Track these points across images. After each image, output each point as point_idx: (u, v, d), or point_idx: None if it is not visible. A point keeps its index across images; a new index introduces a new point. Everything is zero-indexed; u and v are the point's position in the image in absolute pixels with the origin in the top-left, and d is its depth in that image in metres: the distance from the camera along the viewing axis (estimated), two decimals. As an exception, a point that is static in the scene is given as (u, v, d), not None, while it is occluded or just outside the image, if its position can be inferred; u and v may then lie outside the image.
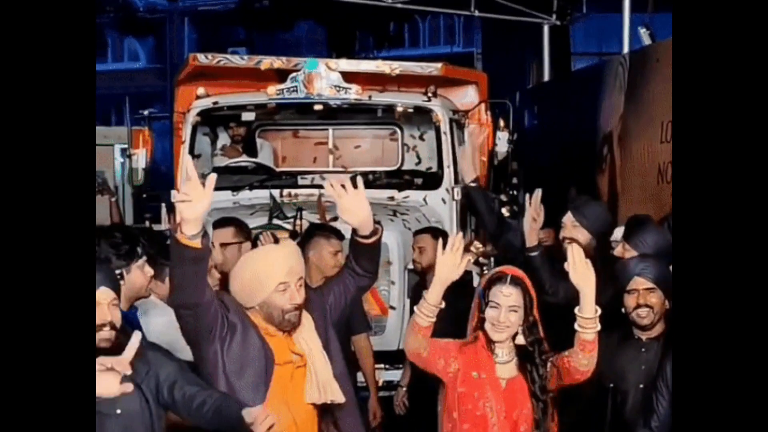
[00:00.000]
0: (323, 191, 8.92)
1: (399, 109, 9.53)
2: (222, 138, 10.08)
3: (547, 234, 6.87)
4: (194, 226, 4.12)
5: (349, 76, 9.19)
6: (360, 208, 4.64)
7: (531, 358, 4.73)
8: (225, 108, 9.49)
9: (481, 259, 8.67)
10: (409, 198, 9.10)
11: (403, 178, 9.52)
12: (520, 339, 4.74)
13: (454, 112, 9.66)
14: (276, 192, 8.88)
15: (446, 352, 4.76)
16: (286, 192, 9.05)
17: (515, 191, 10.44)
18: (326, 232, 6.88)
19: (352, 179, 4.66)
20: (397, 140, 10.15)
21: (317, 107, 9.34)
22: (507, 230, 6.67)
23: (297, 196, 8.98)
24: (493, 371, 4.73)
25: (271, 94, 9.22)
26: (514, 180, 10.37)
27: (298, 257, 4.65)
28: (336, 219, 8.22)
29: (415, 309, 4.74)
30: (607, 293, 4.96)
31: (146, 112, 10.29)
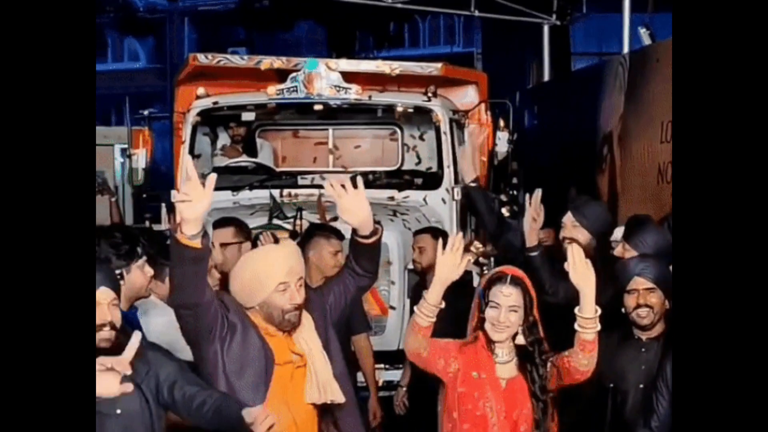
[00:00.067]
0: (323, 191, 8.94)
1: (399, 109, 9.53)
2: (222, 138, 10.08)
3: (547, 234, 6.86)
4: (194, 226, 4.12)
5: (349, 76, 9.18)
6: (360, 208, 4.64)
7: (531, 358, 4.73)
8: (225, 108, 9.49)
9: (481, 259, 8.66)
10: (409, 198, 9.10)
11: (403, 178, 9.51)
12: (520, 339, 4.74)
13: (454, 112, 9.65)
14: (276, 192, 8.88)
15: (446, 352, 4.76)
16: (286, 192, 9.05)
17: (515, 191, 10.43)
18: (326, 233, 6.86)
19: (352, 179, 4.65)
20: (397, 140, 10.14)
21: (317, 107, 9.34)
22: (507, 230, 6.67)
23: (297, 196, 8.98)
24: (493, 371, 4.73)
25: (271, 94, 9.22)
26: (514, 180, 10.37)
27: (298, 257, 4.65)
28: (336, 219, 8.22)
29: (415, 309, 4.73)
30: (607, 293, 4.96)
31: (146, 112, 10.29)
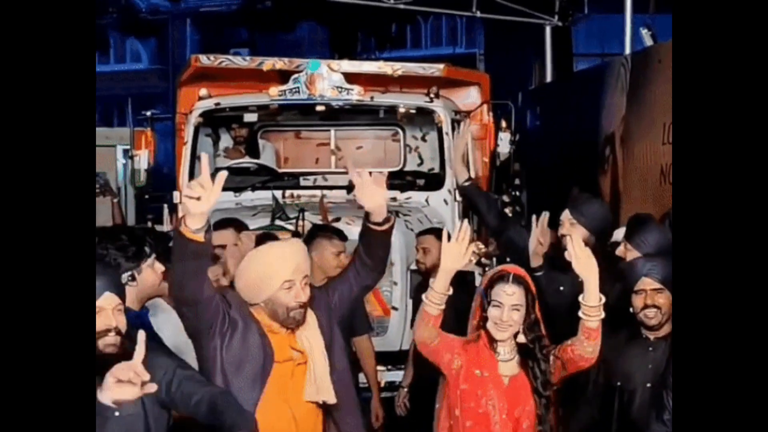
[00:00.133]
0: (325, 192, 9.01)
1: (401, 110, 9.54)
2: (224, 139, 10.09)
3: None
4: (199, 221, 4.13)
5: (351, 77, 9.19)
6: (377, 193, 4.63)
7: (532, 355, 4.73)
8: (227, 109, 9.50)
9: (483, 260, 8.67)
10: (411, 199, 9.10)
11: (405, 179, 9.52)
12: (521, 337, 4.75)
13: (457, 113, 9.66)
14: (278, 193, 8.89)
15: (452, 348, 4.77)
16: (289, 193, 9.06)
17: (517, 192, 10.44)
18: (328, 233, 6.87)
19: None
20: (399, 141, 10.15)
21: (319, 108, 9.35)
22: (508, 226, 6.66)
23: (299, 197, 8.99)
24: (496, 369, 4.74)
25: (273, 96, 9.24)
26: (517, 181, 10.37)
27: (305, 255, 4.65)
28: (338, 220, 8.25)
29: (423, 298, 4.73)
30: (607, 291, 4.95)
31: (148, 113, 10.29)
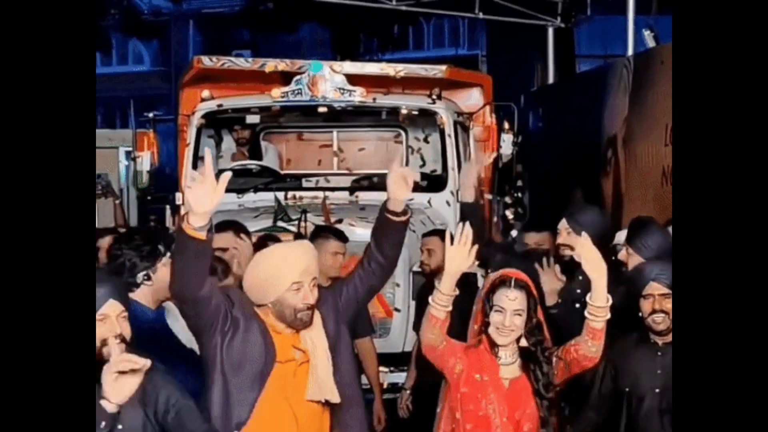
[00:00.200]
0: (328, 193, 9.01)
1: (403, 112, 9.54)
2: (226, 141, 10.09)
3: (543, 238, 6.86)
4: (202, 219, 4.12)
5: (354, 79, 9.20)
6: (405, 183, 4.69)
7: (534, 358, 4.72)
8: (229, 111, 9.51)
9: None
10: (414, 200, 9.07)
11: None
12: (523, 342, 4.74)
13: (459, 115, 9.66)
14: (281, 194, 8.90)
15: (456, 352, 4.77)
16: (291, 194, 9.06)
17: (520, 193, 10.44)
18: (327, 233, 6.93)
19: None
20: (402, 143, 10.14)
21: (322, 110, 9.37)
22: (495, 253, 6.61)
23: (302, 199, 9.00)
24: (497, 373, 4.73)
25: (276, 97, 9.25)
26: (519, 182, 10.37)
27: (313, 257, 4.63)
28: (341, 221, 8.25)
29: (430, 300, 4.72)
30: (609, 293, 4.93)
31: (151, 115, 10.31)
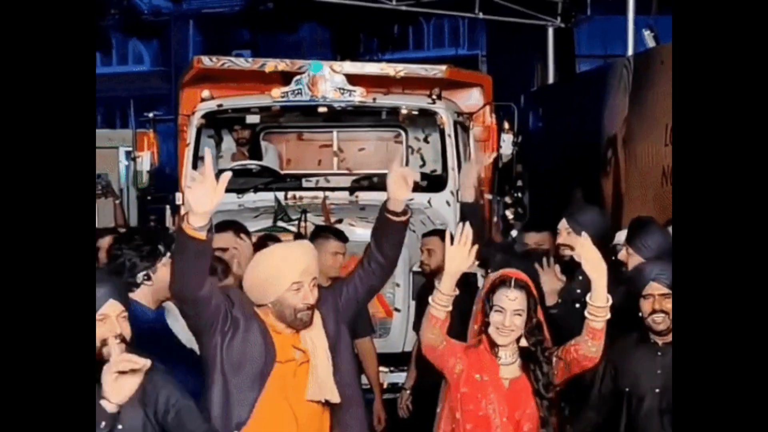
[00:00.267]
0: (328, 193, 9.01)
1: (403, 112, 9.55)
2: (226, 141, 10.10)
3: (543, 238, 6.86)
4: (201, 219, 4.13)
5: (354, 79, 9.20)
6: (405, 183, 4.69)
7: (534, 358, 4.72)
8: (229, 111, 9.52)
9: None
10: (414, 200, 9.07)
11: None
12: (523, 341, 4.74)
13: (459, 115, 9.67)
14: (281, 194, 8.90)
15: (456, 352, 4.76)
16: (291, 194, 9.07)
17: (520, 194, 10.44)
18: (327, 233, 6.96)
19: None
20: (402, 143, 10.15)
21: (322, 110, 9.37)
22: (494, 253, 6.61)
23: (302, 199, 9.00)
24: (496, 373, 4.73)
25: (276, 97, 9.26)
26: (519, 182, 10.37)
27: (313, 257, 4.63)
28: (340, 221, 8.25)
29: (430, 300, 4.72)
30: (609, 292, 4.93)
31: (151, 115, 10.32)
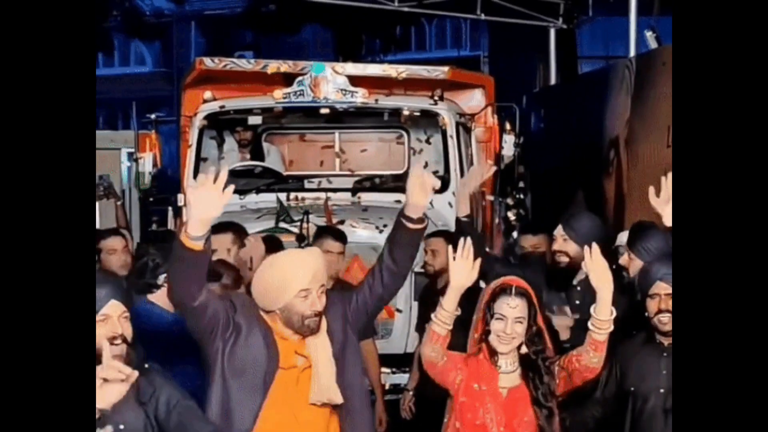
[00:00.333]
0: (330, 195, 9.01)
1: (405, 113, 9.54)
2: (229, 142, 10.10)
3: (540, 241, 6.86)
4: (200, 227, 4.13)
5: (356, 80, 9.21)
6: (424, 189, 4.56)
7: (534, 366, 4.71)
8: (232, 112, 9.52)
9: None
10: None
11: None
12: (524, 349, 4.73)
13: (461, 116, 9.67)
14: (283, 196, 8.90)
15: (456, 364, 4.76)
16: (293, 195, 9.07)
17: (522, 195, 10.44)
18: (327, 233, 7.03)
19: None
20: (404, 144, 10.14)
21: (324, 111, 9.37)
22: (493, 266, 6.59)
23: (304, 200, 9.00)
24: (495, 382, 4.71)
25: (278, 98, 9.26)
26: (521, 184, 10.37)
27: (322, 264, 4.61)
28: (342, 222, 8.26)
29: (432, 317, 4.72)
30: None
31: (153, 116, 10.33)
